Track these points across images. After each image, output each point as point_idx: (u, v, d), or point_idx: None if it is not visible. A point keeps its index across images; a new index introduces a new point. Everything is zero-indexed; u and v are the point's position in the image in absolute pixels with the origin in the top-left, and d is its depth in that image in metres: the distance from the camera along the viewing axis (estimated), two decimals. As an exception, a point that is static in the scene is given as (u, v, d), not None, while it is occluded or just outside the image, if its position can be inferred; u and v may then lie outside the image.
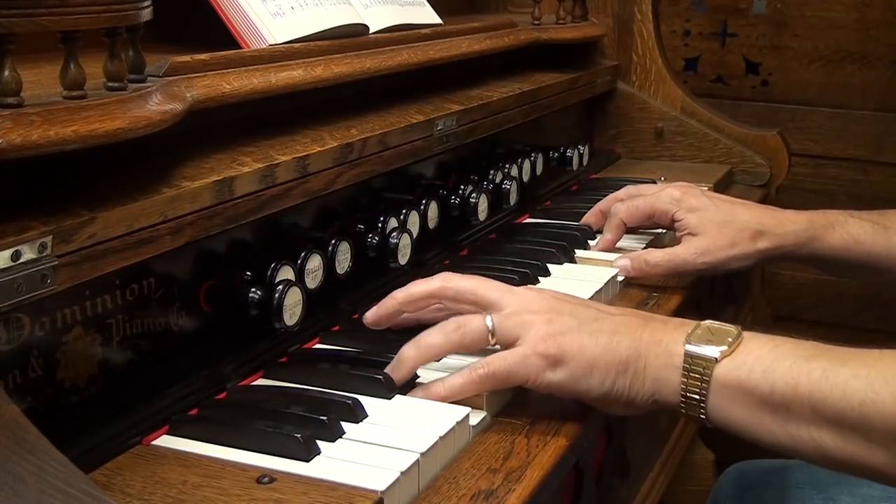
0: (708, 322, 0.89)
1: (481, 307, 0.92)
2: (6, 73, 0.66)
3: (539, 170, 1.54)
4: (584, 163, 1.74)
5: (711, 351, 0.85)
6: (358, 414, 0.84)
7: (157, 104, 0.78)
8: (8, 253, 0.66)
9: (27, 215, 0.69)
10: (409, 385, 0.91)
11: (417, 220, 1.19)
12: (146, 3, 0.76)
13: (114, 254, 0.75)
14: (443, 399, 0.88)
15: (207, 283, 0.91)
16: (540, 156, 1.54)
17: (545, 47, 1.66)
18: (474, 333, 0.90)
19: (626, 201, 1.35)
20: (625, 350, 0.88)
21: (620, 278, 1.24)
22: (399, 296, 0.97)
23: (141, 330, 0.84)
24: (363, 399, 0.86)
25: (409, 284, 0.97)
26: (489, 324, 0.90)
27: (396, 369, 0.90)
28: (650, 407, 0.89)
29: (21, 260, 0.67)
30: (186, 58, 0.92)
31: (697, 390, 0.85)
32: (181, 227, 0.82)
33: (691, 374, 0.85)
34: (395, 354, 0.91)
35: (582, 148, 1.71)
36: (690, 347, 0.86)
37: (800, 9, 2.29)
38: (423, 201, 1.21)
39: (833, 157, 2.30)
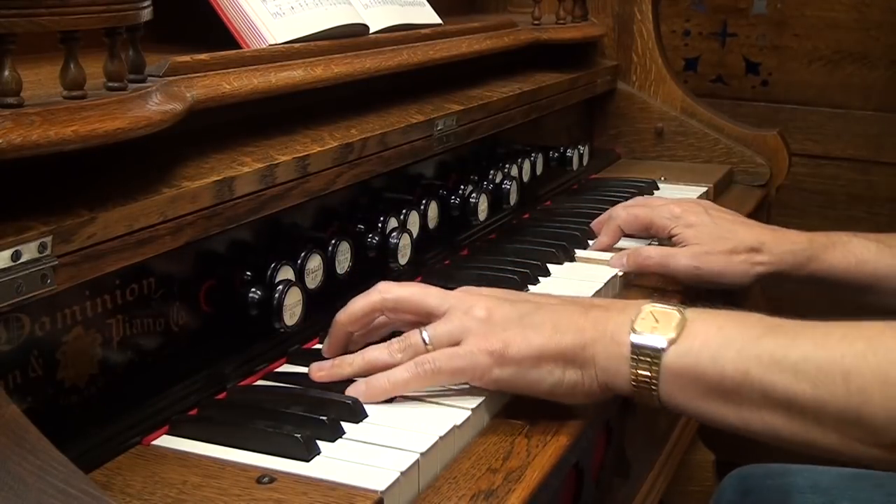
0: (650, 306, 0.88)
1: (421, 315, 0.92)
2: (6, 73, 0.66)
3: (539, 170, 1.54)
4: (584, 163, 1.73)
5: (658, 341, 0.84)
6: (358, 414, 0.84)
7: (157, 104, 0.78)
8: (8, 253, 0.66)
9: (27, 215, 0.69)
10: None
11: (417, 220, 1.19)
12: (146, 3, 0.76)
13: (114, 254, 0.75)
14: (386, 394, 0.87)
15: (207, 283, 0.91)
16: (540, 156, 1.54)
17: (545, 47, 1.66)
18: (415, 349, 0.89)
19: (628, 208, 1.34)
20: (570, 341, 0.87)
21: (620, 273, 1.24)
22: (342, 318, 0.95)
23: (141, 330, 0.84)
24: (363, 399, 0.86)
25: (350, 302, 0.95)
26: (425, 338, 0.89)
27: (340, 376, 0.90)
28: (607, 394, 0.89)
29: (21, 260, 0.67)
30: (186, 58, 0.92)
31: (648, 380, 0.85)
32: (181, 227, 0.82)
33: (640, 363, 0.85)
34: None
35: (582, 148, 1.71)
36: (636, 338, 0.85)
37: (800, 9, 2.29)
38: (423, 201, 1.21)
39: (833, 157, 2.30)
